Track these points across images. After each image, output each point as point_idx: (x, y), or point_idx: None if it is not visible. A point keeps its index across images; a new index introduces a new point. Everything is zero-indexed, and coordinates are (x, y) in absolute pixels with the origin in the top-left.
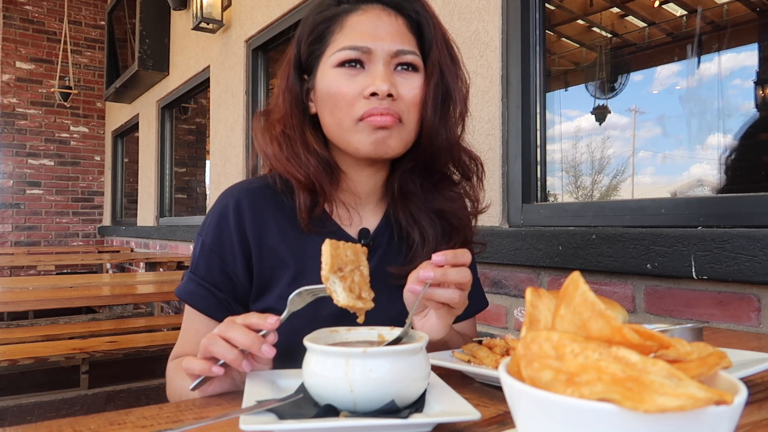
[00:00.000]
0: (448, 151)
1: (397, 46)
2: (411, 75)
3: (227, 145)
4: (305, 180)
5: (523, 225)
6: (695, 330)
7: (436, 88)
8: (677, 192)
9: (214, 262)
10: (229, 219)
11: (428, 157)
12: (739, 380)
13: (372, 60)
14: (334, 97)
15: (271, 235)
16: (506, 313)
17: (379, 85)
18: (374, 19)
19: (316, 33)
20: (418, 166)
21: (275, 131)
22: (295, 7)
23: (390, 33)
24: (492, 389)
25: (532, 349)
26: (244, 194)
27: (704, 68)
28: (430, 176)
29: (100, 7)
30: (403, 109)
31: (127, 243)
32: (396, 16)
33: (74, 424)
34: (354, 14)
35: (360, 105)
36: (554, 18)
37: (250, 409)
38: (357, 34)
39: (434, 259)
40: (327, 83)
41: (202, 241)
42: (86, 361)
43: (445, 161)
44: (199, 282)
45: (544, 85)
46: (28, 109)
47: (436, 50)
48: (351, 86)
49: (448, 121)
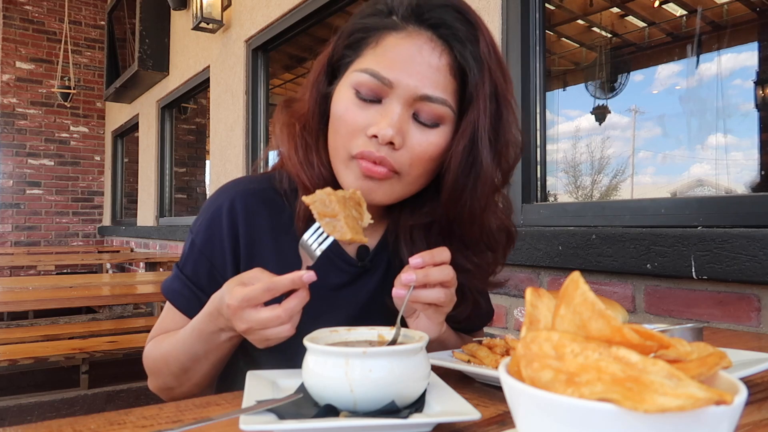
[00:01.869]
0: (471, 221)
1: (425, 90)
2: (429, 129)
3: (227, 145)
4: (313, 189)
5: (523, 225)
6: (695, 330)
7: (464, 151)
8: (677, 192)
9: (203, 264)
10: (221, 222)
11: (446, 223)
12: (739, 380)
13: (391, 96)
14: (339, 121)
15: (264, 244)
16: (506, 313)
17: (384, 129)
18: (413, 48)
19: (353, 39)
20: (434, 226)
21: (295, 129)
22: (295, 7)
23: (423, 72)
24: (492, 389)
25: (532, 349)
26: (240, 196)
27: (704, 68)
28: (450, 240)
29: (100, 7)
30: (405, 161)
31: (127, 243)
32: (441, 54)
33: (74, 424)
34: (395, 34)
35: (359, 141)
36: (554, 18)
37: (250, 409)
38: (386, 61)
39: (412, 262)
40: (338, 102)
41: (192, 240)
42: (86, 361)
43: (468, 231)
44: (185, 282)
45: (544, 85)
46: (28, 109)
47: (477, 108)
48: (358, 117)
49: (476, 191)
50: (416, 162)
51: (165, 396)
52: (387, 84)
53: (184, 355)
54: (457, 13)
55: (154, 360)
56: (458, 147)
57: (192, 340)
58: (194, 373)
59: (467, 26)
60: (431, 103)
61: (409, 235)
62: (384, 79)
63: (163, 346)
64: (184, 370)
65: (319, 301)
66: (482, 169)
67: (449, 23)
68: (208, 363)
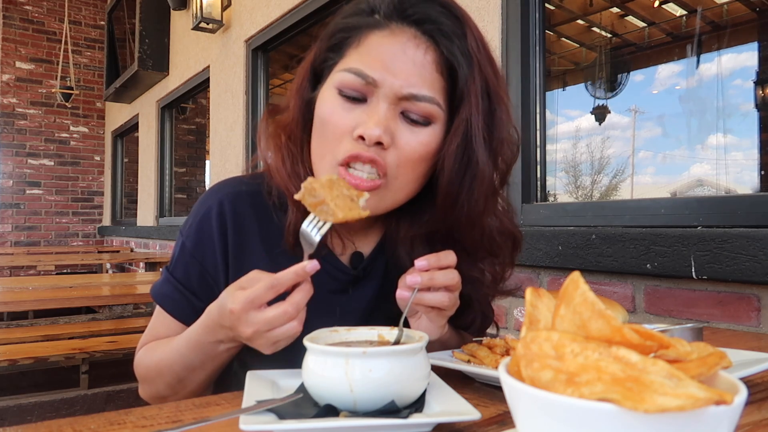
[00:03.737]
0: (470, 225)
1: (409, 89)
2: (418, 128)
3: (227, 145)
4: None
5: (523, 225)
6: (695, 330)
7: (458, 150)
8: (677, 192)
9: (194, 268)
10: (211, 225)
11: (442, 229)
12: (739, 380)
13: (375, 95)
14: (324, 125)
15: (253, 249)
16: (506, 313)
17: (370, 129)
18: (396, 46)
19: (335, 40)
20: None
21: (280, 141)
22: (294, 7)
23: (407, 70)
24: (492, 389)
25: (532, 349)
26: (229, 198)
27: (704, 68)
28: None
29: (100, 7)
30: (392, 162)
31: (126, 243)
32: (427, 51)
33: (74, 424)
34: (378, 32)
35: (345, 145)
36: (554, 18)
37: (250, 409)
38: (370, 59)
39: (417, 264)
40: (323, 105)
41: (183, 242)
42: (86, 361)
43: (468, 236)
44: (176, 285)
45: (544, 85)
46: (28, 109)
47: (469, 105)
48: (344, 119)
49: (472, 192)
50: (405, 163)
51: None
52: (371, 82)
53: (179, 365)
54: (442, 8)
55: (147, 368)
56: (451, 146)
57: (187, 350)
58: (189, 383)
59: (453, 21)
60: (418, 102)
61: (410, 246)
62: (368, 77)
63: (156, 355)
64: (178, 379)
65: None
66: (478, 169)
67: (434, 18)
68: (204, 373)
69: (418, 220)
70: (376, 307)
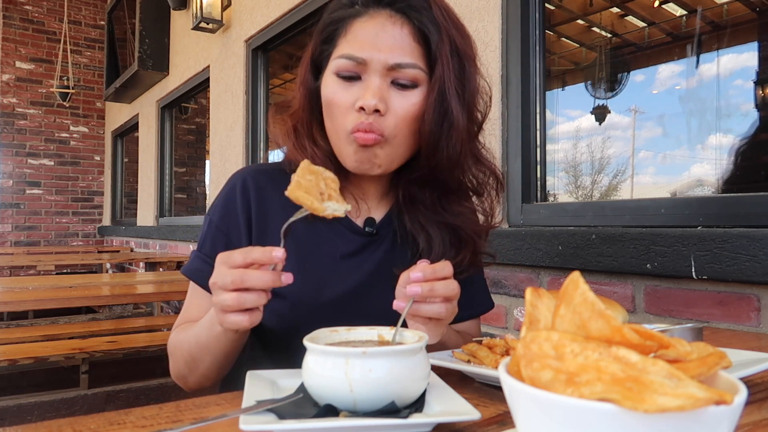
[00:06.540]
0: (450, 167)
1: (394, 59)
2: (408, 91)
3: (227, 145)
4: None
5: (523, 225)
6: (695, 330)
7: (435, 104)
8: (677, 192)
9: (220, 239)
10: (236, 197)
11: (429, 172)
12: (739, 380)
13: (368, 71)
14: (330, 105)
15: (275, 218)
16: (506, 313)
17: (367, 100)
18: (377, 27)
19: (326, 33)
20: (423, 178)
21: (287, 126)
22: (294, 7)
23: (390, 44)
24: (492, 389)
25: (532, 349)
26: (253, 174)
27: (704, 68)
28: (437, 188)
29: (100, 7)
30: (390, 125)
31: (126, 243)
32: (402, 25)
33: (74, 424)
34: (360, 20)
35: (351, 117)
36: (554, 18)
37: (250, 409)
38: (357, 43)
39: (413, 276)
40: (326, 89)
41: (210, 219)
42: (86, 361)
43: (451, 176)
44: (204, 258)
45: (544, 85)
46: (27, 109)
47: (441, 65)
48: (345, 97)
49: (450, 138)
50: (401, 123)
51: (181, 384)
52: (362, 62)
53: (194, 340)
54: None
55: (173, 346)
56: (429, 100)
57: (200, 327)
58: (201, 363)
59: None
60: (404, 69)
61: (409, 200)
62: (358, 59)
63: (184, 333)
64: (192, 356)
65: (328, 268)
66: (454, 117)
67: None
68: (210, 355)
69: (410, 172)
70: (383, 267)
